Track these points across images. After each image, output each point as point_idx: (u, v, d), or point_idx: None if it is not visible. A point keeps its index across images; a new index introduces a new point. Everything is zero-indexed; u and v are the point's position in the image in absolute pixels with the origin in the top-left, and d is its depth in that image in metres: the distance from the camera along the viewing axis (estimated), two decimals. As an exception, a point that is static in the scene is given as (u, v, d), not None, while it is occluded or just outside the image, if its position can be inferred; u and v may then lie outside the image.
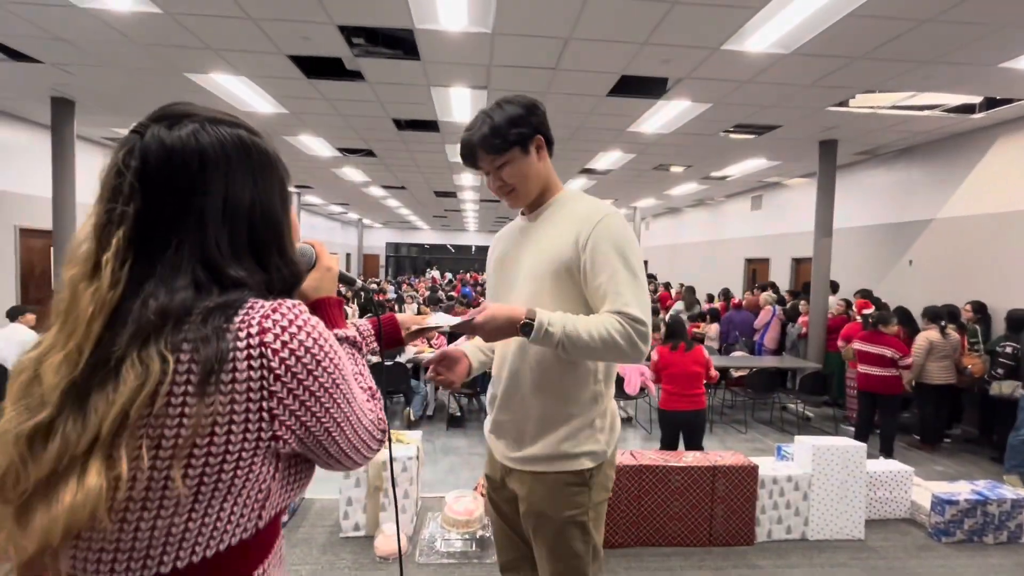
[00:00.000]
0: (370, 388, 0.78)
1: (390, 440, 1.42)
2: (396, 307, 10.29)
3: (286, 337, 0.60)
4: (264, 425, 0.59)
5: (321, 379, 0.62)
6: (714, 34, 3.91)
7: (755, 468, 2.57)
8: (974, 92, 5.02)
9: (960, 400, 5.68)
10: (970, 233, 6.16)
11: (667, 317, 6.51)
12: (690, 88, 5.07)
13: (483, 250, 28.67)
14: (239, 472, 0.58)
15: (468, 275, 22.50)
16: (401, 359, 5.65)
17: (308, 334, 0.62)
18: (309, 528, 2.65)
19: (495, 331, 1.15)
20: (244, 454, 0.58)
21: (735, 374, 6.81)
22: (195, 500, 0.56)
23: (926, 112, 5.61)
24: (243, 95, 5.66)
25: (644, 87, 5.10)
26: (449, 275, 23.16)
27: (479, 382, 5.53)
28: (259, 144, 0.70)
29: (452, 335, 7.86)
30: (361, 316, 8.77)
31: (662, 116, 6.00)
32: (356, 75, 4.98)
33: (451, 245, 28.48)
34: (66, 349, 0.55)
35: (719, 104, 5.51)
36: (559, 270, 1.26)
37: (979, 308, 5.67)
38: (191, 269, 0.61)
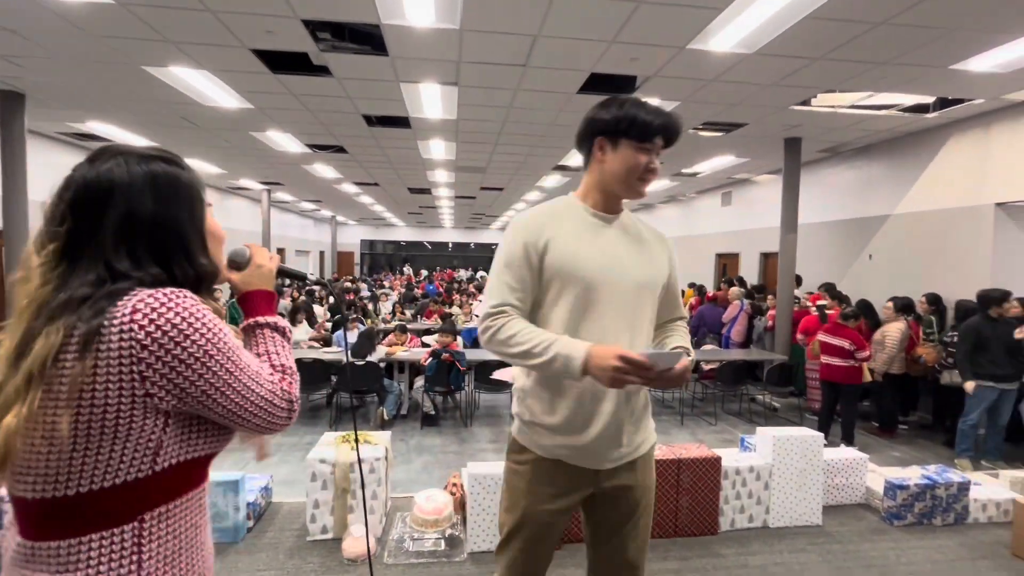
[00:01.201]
0: (281, 366, 0.94)
1: (358, 443, 1.42)
2: (371, 305, 10.17)
3: (154, 315, 0.77)
4: (136, 385, 0.76)
5: (190, 349, 0.78)
6: (680, 33, 3.97)
7: (718, 460, 2.64)
8: (927, 92, 5.22)
9: (916, 388, 5.93)
10: (925, 228, 6.43)
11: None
12: (658, 86, 5.14)
13: (460, 246, 28.57)
14: (121, 421, 0.76)
15: (444, 272, 22.37)
16: (373, 358, 5.59)
17: (177, 313, 0.78)
18: (276, 532, 2.60)
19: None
20: (123, 407, 0.76)
21: (705, 367, 6.96)
22: (87, 440, 0.75)
23: (883, 112, 5.82)
24: (205, 90, 5.49)
25: (614, 84, 5.14)
26: (424, 272, 22.99)
27: (452, 379, 5.52)
28: (170, 173, 0.90)
29: (427, 333, 7.76)
30: (333, 316, 8.63)
31: (632, 114, 6.07)
32: (323, 70, 4.88)
33: (428, 242, 28.26)
34: (11, 331, 0.78)
35: (687, 102, 5.60)
36: (661, 284, 1.48)
37: (934, 300, 5.93)
38: (97, 269, 0.80)
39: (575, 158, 8.70)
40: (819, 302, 5.95)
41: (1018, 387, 4.58)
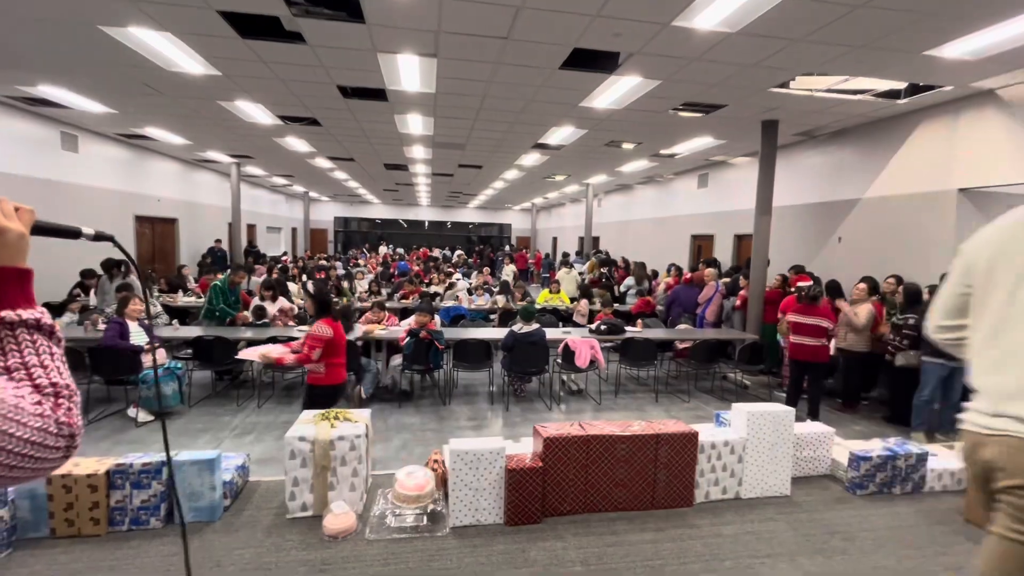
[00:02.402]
0: (52, 384, 0.66)
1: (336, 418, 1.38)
2: (345, 283, 9.99)
3: None
4: None
5: None
6: (665, 9, 3.92)
7: (695, 435, 2.70)
8: (900, 78, 5.33)
9: (877, 366, 6.19)
10: (891, 212, 6.63)
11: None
12: (641, 64, 5.10)
13: (437, 225, 28.25)
14: None
15: (420, 251, 22.14)
16: (351, 337, 5.51)
17: None
18: (254, 511, 2.57)
19: None
20: None
21: (680, 346, 7.12)
22: None
23: (857, 96, 5.92)
24: (168, 53, 5.19)
25: (596, 61, 5.08)
26: (401, 250, 22.71)
27: (431, 357, 5.50)
28: None
29: (404, 312, 7.74)
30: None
31: (614, 92, 6.02)
32: (296, 37, 4.66)
33: (403, 220, 27.82)
34: None
35: (668, 81, 5.57)
36: None
37: (899, 281, 6.16)
38: None
39: (554, 136, 8.63)
40: (800, 283, 6.06)
41: None
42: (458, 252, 21.81)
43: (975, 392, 1.39)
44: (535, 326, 5.62)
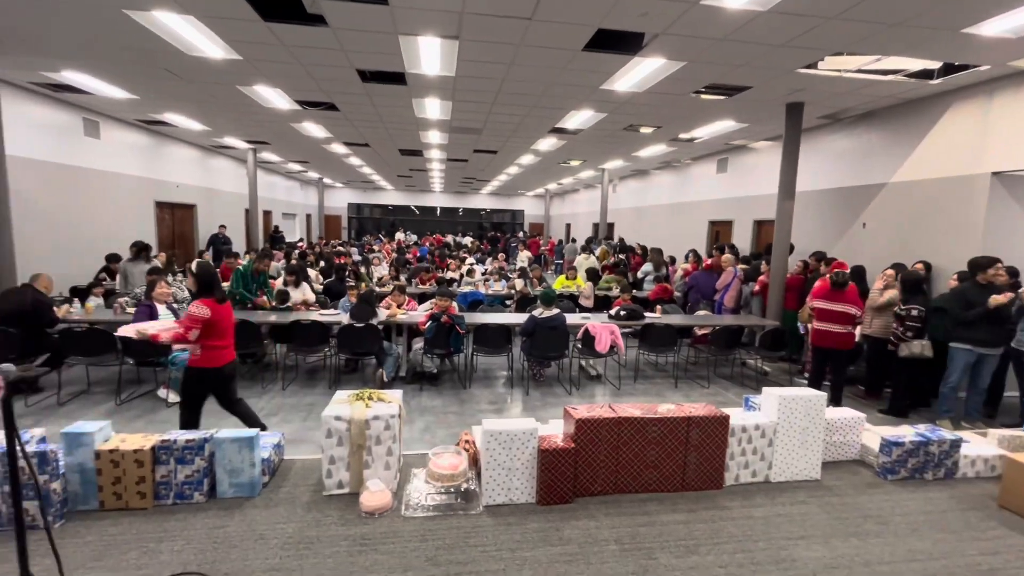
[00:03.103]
0: None
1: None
2: (362, 269, 10.06)
3: None
4: None
5: None
6: (694, -13, 3.82)
7: (727, 418, 2.70)
8: (935, 57, 5.16)
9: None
10: (920, 196, 6.48)
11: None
12: (666, 45, 5.00)
13: (448, 211, 28.22)
14: None
15: (434, 236, 22.16)
16: (374, 322, 5.57)
17: None
18: (291, 488, 2.63)
19: None
20: None
21: (698, 332, 7.08)
22: None
23: (888, 77, 5.75)
24: (190, 37, 5.19)
25: (620, 42, 4.98)
26: (415, 237, 22.75)
27: (452, 342, 5.54)
28: None
29: (423, 297, 7.77)
30: (326, 278, 8.53)
31: (636, 74, 5.92)
32: (318, 19, 4.64)
33: (415, 206, 27.83)
34: None
35: (693, 63, 5.46)
36: None
37: (927, 268, 6.04)
38: None
39: (572, 120, 8.52)
40: (837, 270, 5.92)
41: (1002, 354, 4.73)
42: (468, 239, 21.80)
43: None
44: (555, 311, 5.63)
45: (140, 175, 10.43)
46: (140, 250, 7.00)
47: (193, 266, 3.30)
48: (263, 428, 3.28)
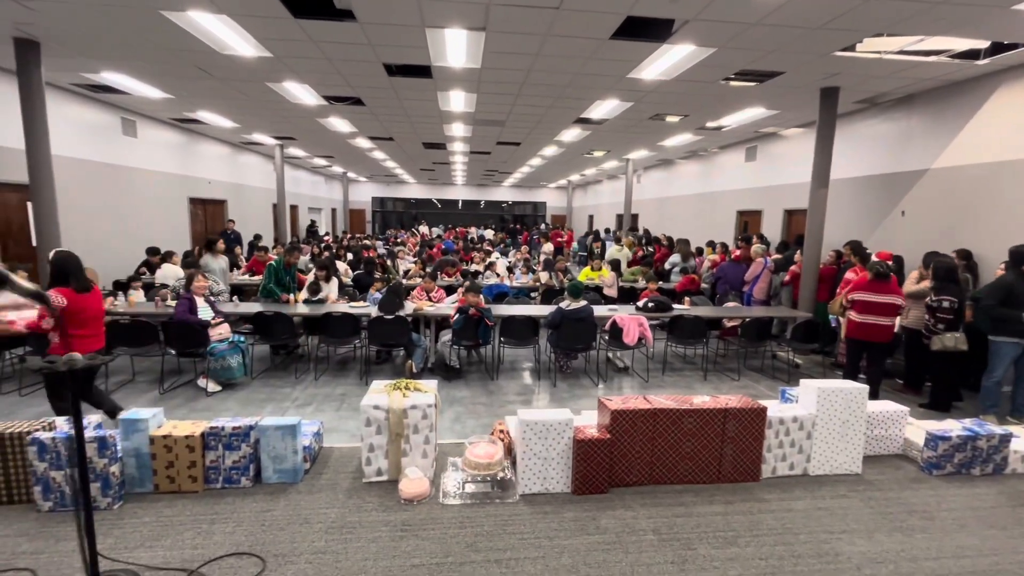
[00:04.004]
0: None
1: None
2: (389, 262, 10.19)
3: None
4: None
5: None
6: (728, -30, 3.73)
7: (764, 410, 2.67)
8: (983, 36, 4.92)
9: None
10: (964, 182, 6.22)
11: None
12: (696, 31, 4.89)
13: (470, 204, 28.29)
14: None
15: (458, 229, 22.26)
16: (402, 313, 5.65)
17: None
18: (332, 474, 2.71)
19: None
20: None
21: (727, 324, 6.97)
22: None
23: (932, 58, 5.52)
24: (223, 36, 5.31)
25: (649, 29, 4.90)
26: (436, 230, 22.90)
27: (480, 334, 5.58)
28: None
29: (450, 289, 7.85)
30: (354, 271, 8.67)
31: (664, 61, 5.81)
32: (347, 15, 4.69)
33: (437, 199, 27.98)
34: None
35: (724, 48, 5.33)
36: None
37: (965, 256, 5.80)
38: None
39: (597, 110, 8.43)
40: (879, 260, 5.72)
41: None
42: (490, 232, 21.82)
43: None
44: (583, 303, 5.61)
45: (175, 172, 10.75)
46: (209, 244, 7.39)
47: (50, 255, 3.33)
48: (114, 413, 3.52)
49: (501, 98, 7.84)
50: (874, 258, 5.87)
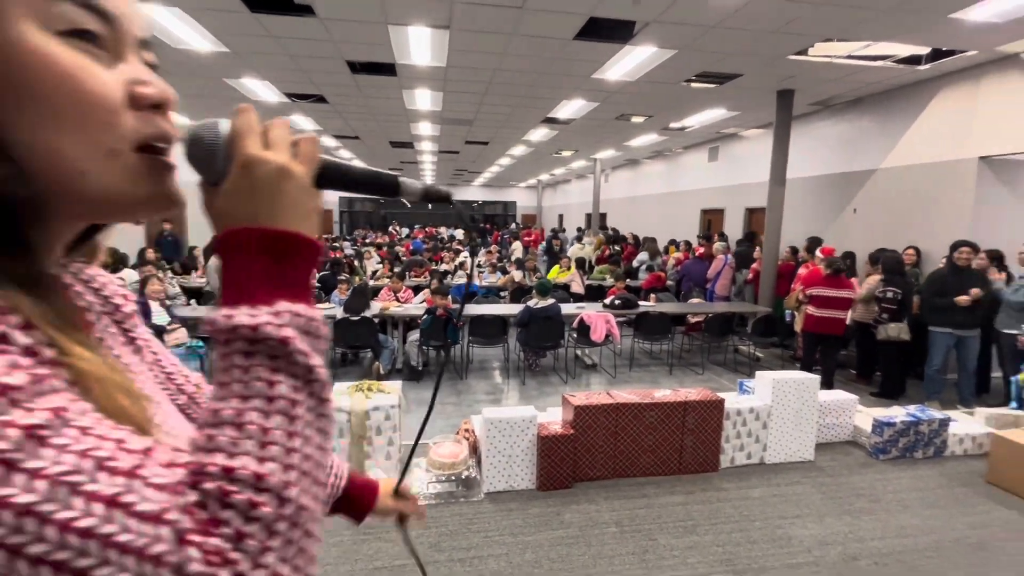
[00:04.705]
0: (234, 478, 0.34)
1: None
2: (356, 263, 10.02)
3: None
4: None
5: None
6: (685, -26, 3.82)
7: (722, 402, 2.74)
8: (924, 43, 5.19)
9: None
10: (909, 182, 6.55)
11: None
12: (657, 33, 4.99)
13: (440, 204, 28.06)
14: None
15: (427, 229, 22.09)
16: (368, 314, 5.56)
17: None
18: (292, 479, 2.64)
19: None
20: None
21: (691, 320, 7.14)
22: None
23: (877, 63, 5.79)
24: (176, 30, 5.12)
25: (612, 31, 4.97)
26: (406, 230, 22.67)
27: (449, 334, 5.55)
28: None
29: (418, 288, 7.75)
30: (319, 272, 8.49)
31: (628, 62, 5.91)
32: (306, 10, 4.58)
33: (406, 199, 27.68)
34: None
35: (684, 50, 5.46)
36: None
37: (917, 253, 6.12)
38: None
39: (564, 110, 8.50)
40: (831, 257, 5.96)
41: (980, 335, 4.80)
42: (460, 231, 21.74)
43: None
44: (550, 301, 5.65)
45: (127, 171, 10.25)
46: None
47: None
48: None
49: (468, 97, 7.81)
50: (818, 254, 6.13)
